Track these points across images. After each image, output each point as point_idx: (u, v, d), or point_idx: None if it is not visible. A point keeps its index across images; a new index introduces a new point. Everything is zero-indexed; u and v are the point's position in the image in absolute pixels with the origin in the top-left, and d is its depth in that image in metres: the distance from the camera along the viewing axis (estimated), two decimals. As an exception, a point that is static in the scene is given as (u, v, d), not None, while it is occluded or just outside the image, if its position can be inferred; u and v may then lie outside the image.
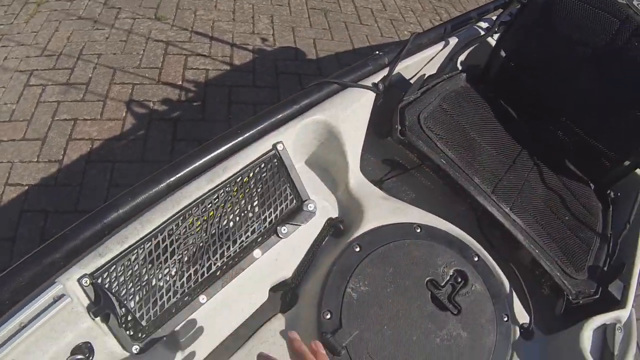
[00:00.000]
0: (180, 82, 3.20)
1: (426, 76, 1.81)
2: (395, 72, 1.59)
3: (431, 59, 1.82)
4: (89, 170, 2.62)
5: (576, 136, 1.79)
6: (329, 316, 1.14)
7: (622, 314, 1.34)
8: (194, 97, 3.14)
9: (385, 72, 1.57)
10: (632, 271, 1.48)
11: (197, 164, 1.13)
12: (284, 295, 1.27)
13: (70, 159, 2.66)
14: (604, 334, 1.30)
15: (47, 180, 2.56)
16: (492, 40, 2.01)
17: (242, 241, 1.17)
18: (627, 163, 1.70)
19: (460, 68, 2.00)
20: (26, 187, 2.51)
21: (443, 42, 1.87)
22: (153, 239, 1.02)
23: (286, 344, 1.09)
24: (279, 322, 1.20)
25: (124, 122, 2.89)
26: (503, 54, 1.95)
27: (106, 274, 0.95)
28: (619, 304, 1.39)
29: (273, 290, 1.26)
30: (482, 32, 2.00)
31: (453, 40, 1.92)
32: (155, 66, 3.31)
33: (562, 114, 1.83)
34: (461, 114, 1.77)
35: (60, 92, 3.04)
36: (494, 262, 1.40)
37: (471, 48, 1.99)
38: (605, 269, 1.52)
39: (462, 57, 2.01)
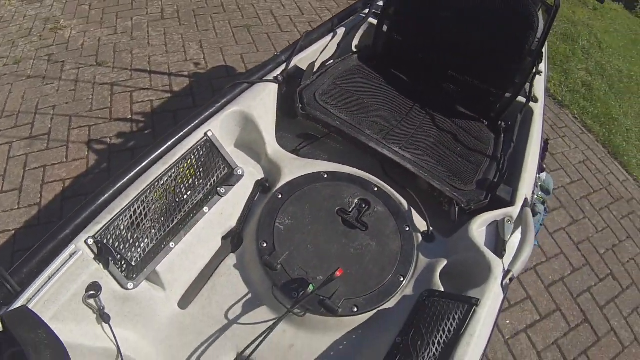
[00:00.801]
0: (130, 116, 3.55)
1: (320, 63, 2.22)
2: (292, 65, 2.03)
3: (324, 49, 2.24)
4: (66, 205, 2.95)
5: (462, 84, 2.20)
6: (265, 244, 1.57)
7: (512, 211, 1.65)
8: (145, 126, 3.49)
9: (284, 66, 2.00)
10: (520, 177, 1.80)
11: (154, 154, 1.57)
12: (232, 239, 1.69)
13: (47, 200, 2.99)
14: (497, 228, 1.63)
15: (31, 221, 2.88)
16: (375, 21, 2.40)
17: (193, 201, 1.61)
18: (507, 95, 2.09)
19: (354, 51, 2.42)
20: (13, 232, 2.83)
21: (332, 34, 2.28)
22: (131, 207, 1.44)
23: (240, 277, 1.57)
24: (231, 260, 1.64)
25: (88, 160, 3.23)
26: (385, 29, 2.35)
27: (103, 235, 1.36)
28: (509, 204, 1.72)
29: (224, 238, 1.69)
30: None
31: (341, 30, 2.34)
32: (105, 106, 3.66)
33: (447, 68, 2.22)
34: (355, 87, 2.19)
35: (26, 146, 3.37)
36: (392, 190, 1.82)
37: (360, 32, 2.40)
38: (495, 180, 1.88)
39: (355, 42, 2.42)
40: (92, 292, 1.31)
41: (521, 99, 2.13)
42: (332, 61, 2.29)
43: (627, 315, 3.00)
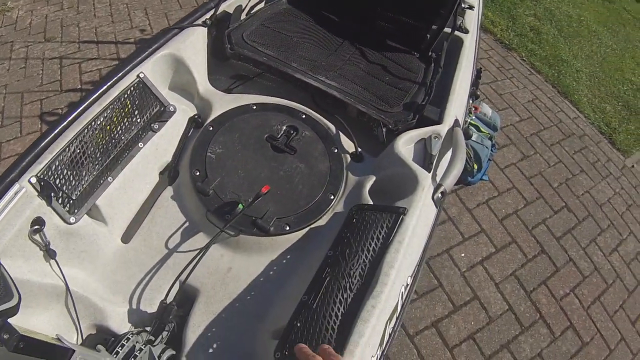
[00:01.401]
0: (80, 86, 3.55)
1: (249, 8, 2.28)
2: (221, 10, 2.07)
3: None
4: (24, 179, 2.96)
5: (391, 20, 2.25)
6: (197, 173, 1.62)
7: (439, 128, 1.69)
8: (95, 94, 3.49)
9: (212, 12, 2.04)
10: (448, 98, 1.84)
11: (90, 99, 1.60)
12: (169, 173, 1.73)
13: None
14: (425, 145, 1.67)
15: (-10, 197, 2.89)
16: None
17: (129, 138, 1.66)
18: (434, 27, 2.15)
19: None
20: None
21: None
22: (70, 147, 1.48)
23: (177, 207, 1.63)
24: (168, 192, 1.68)
25: (42, 132, 3.22)
26: None
27: (45, 173, 1.40)
28: (437, 123, 1.76)
29: (161, 173, 1.74)
30: None
31: None
32: (56, 79, 3.64)
33: (375, 5, 2.27)
34: (284, 28, 2.24)
35: (-20, 126, 3.36)
36: (320, 116, 1.88)
37: None
38: (423, 103, 1.93)
39: None
40: (36, 227, 1.35)
41: (456, 32, 2.19)
42: (261, 5, 2.34)
43: (585, 246, 3.12)
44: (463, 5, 2.26)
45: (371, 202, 1.55)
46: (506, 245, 2.97)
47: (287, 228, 1.53)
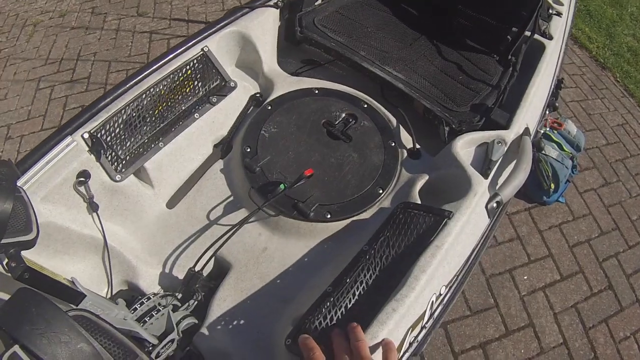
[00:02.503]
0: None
1: None
2: None
3: None
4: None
5: (473, 19, 2.16)
6: (248, 149, 1.62)
7: (505, 134, 1.60)
8: (180, 71, 3.60)
9: None
10: (520, 104, 1.72)
11: (153, 67, 1.64)
12: (222, 147, 1.75)
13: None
14: (487, 149, 1.57)
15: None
16: None
17: (186, 109, 1.69)
18: (514, 29, 2.04)
19: None
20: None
21: None
22: (126, 109, 1.53)
23: (225, 181, 1.65)
24: (219, 165, 1.70)
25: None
26: None
27: (98, 131, 1.46)
28: (504, 128, 1.66)
29: (216, 146, 1.76)
30: None
31: None
32: (143, 52, 3.80)
33: (458, 3, 2.19)
34: (359, 17, 2.20)
35: (67, 88, 3.54)
36: (381, 107, 1.82)
37: None
38: (492, 106, 1.84)
39: None
40: (81, 179, 1.40)
41: (537, 37, 2.06)
42: None
43: None
44: (550, 11, 2.15)
45: (419, 202, 1.48)
46: (572, 274, 2.80)
47: (329, 216, 1.49)
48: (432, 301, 1.24)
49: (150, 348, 1.19)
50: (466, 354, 2.37)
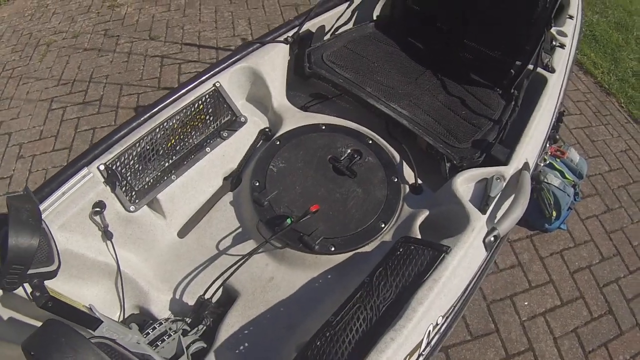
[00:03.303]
0: (177, 85, 3.73)
1: (335, 29, 2.33)
2: (305, 29, 2.13)
3: (340, 16, 2.33)
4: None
5: (477, 52, 2.22)
6: (257, 183, 1.72)
7: (504, 170, 1.66)
8: (190, 95, 3.68)
9: (296, 29, 2.11)
10: (520, 140, 1.79)
11: (166, 101, 1.75)
12: (232, 179, 1.84)
13: (95, 160, 3.23)
14: (486, 185, 1.64)
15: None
16: None
17: (197, 142, 1.78)
18: (518, 63, 2.10)
19: (373, 20, 2.50)
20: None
21: (349, 1, 2.35)
22: (140, 142, 1.63)
23: (234, 213, 1.75)
24: (229, 197, 1.80)
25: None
26: None
27: (113, 163, 1.55)
28: (504, 164, 1.73)
29: (225, 178, 1.85)
30: None
31: None
32: (155, 76, 3.88)
33: (463, 37, 2.26)
34: (367, 51, 2.28)
35: (79, 110, 3.63)
36: (386, 143, 1.90)
37: (381, 2, 2.48)
38: (493, 142, 1.90)
39: (376, 12, 2.49)
40: (97, 209, 1.50)
41: (539, 70, 2.11)
42: (348, 26, 2.40)
43: None
44: (554, 43, 2.20)
45: (419, 236, 1.55)
46: (573, 300, 2.82)
47: (332, 249, 1.58)
48: (429, 331, 1.30)
49: None
50: (466, 379, 2.38)
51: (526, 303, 2.73)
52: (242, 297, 1.55)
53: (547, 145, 2.14)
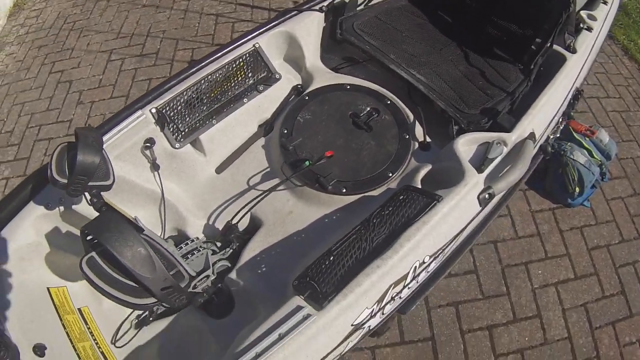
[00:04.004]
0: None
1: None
2: None
3: None
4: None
5: (501, 28, 2.36)
6: (285, 131, 1.96)
7: (506, 136, 1.80)
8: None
9: None
10: (527, 111, 1.92)
11: (212, 58, 1.99)
12: (265, 127, 2.09)
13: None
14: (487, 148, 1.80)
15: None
16: None
17: (237, 94, 2.04)
18: (537, 40, 2.22)
19: None
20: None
21: None
22: (187, 91, 1.88)
23: (264, 155, 2.01)
24: (261, 141, 2.06)
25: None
26: None
27: (163, 107, 1.80)
28: (507, 131, 1.87)
29: (260, 126, 2.10)
30: None
31: None
32: (209, 33, 4.13)
33: (490, 12, 2.39)
34: (396, 22, 2.46)
35: (137, 62, 3.90)
36: (403, 104, 2.11)
37: None
38: (500, 110, 2.06)
39: None
40: (148, 144, 1.77)
41: (560, 49, 2.21)
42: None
43: None
44: (581, 26, 2.29)
45: (420, 187, 1.73)
46: (587, 275, 2.91)
47: (344, 190, 1.82)
48: (416, 266, 1.49)
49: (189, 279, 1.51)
50: (472, 334, 2.56)
51: (540, 272, 2.85)
52: (264, 226, 1.80)
53: (560, 120, 2.24)
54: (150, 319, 1.64)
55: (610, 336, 2.69)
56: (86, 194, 1.40)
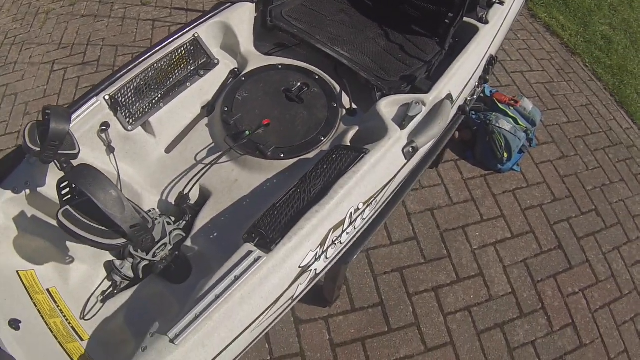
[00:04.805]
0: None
1: None
2: None
3: None
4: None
5: (419, 8, 2.57)
6: (226, 108, 2.12)
7: (424, 97, 2.02)
8: (180, 55, 4.01)
9: None
10: (443, 75, 2.14)
11: (157, 48, 2.16)
12: (208, 108, 2.26)
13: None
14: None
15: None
16: None
17: (180, 79, 2.20)
18: (450, 15, 2.42)
19: None
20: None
21: None
22: (136, 79, 2.04)
23: (208, 132, 2.16)
24: (205, 121, 2.21)
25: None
26: None
27: (116, 94, 1.96)
28: (425, 92, 2.09)
29: (203, 107, 2.26)
30: None
31: None
32: (147, 38, 4.23)
33: None
34: (321, 8, 2.67)
35: (79, 70, 3.97)
36: (330, 78, 2.31)
37: None
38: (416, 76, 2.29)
39: None
40: (103, 128, 1.92)
41: (472, 21, 2.46)
42: None
43: (606, 252, 3.12)
44: (494, 0, 2.50)
45: (348, 144, 1.93)
46: (523, 233, 3.08)
47: (282, 155, 1.99)
48: (351, 212, 1.67)
49: None
50: (419, 296, 2.72)
51: (477, 234, 3.03)
52: (213, 195, 1.95)
53: (477, 83, 2.47)
54: (115, 292, 1.75)
55: (553, 288, 2.87)
56: (56, 161, 1.56)
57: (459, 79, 2.20)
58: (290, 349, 2.46)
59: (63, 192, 1.40)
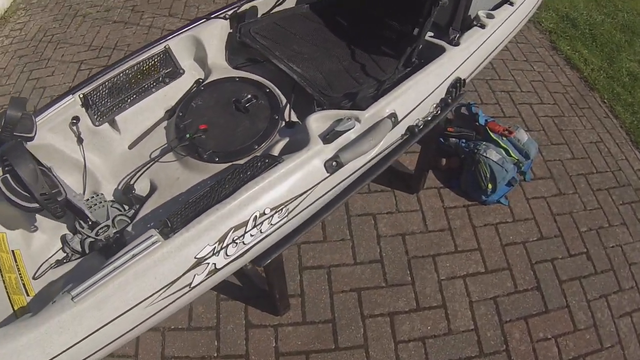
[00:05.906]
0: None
1: (272, 6, 2.84)
2: (245, 8, 2.72)
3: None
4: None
5: (391, 28, 2.70)
6: (181, 114, 2.32)
7: (359, 113, 2.08)
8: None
9: (236, 8, 2.70)
10: (388, 93, 2.18)
11: (130, 57, 2.41)
12: (170, 112, 2.46)
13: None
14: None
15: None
16: None
17: (148, 85, 2.42)
18: (415, 32, 2.50)
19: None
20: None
21: None
22: (108, 82, 2.31)
23: (165, 134, 2.37)
24: (164, 123, 2.43)
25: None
26: None
27: (89, 93, 2.22)
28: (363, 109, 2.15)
29: (166, 111, 2.45)
30: None
31: None
32: (165, 47, 4.45)
33: (384, 17, 2.75)
34: (292, 27, 2.79)
35: (101, 72, 4.26)
36: (279, 92, 2.42)
37: None
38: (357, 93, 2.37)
39: None
40: (74, 121, 2.18)
41: (439, 42, 2.49)
42: (288, 5, 2.92)
43: (591, 299, 2.89)
44: (475, 23, 2.57)
45: (276, 154, 2.03)
46: (498, 270, 2.95)
47: (217, 159, 2.16)
48: (256, 216, 1.78)
49: (91, 224, 2.02)
50: (373, 319, 2.69)
51: (448, 264, 2.95)
52: (158, 189, 2.15)
53: (435, 106, 2.43)
54: (65, 261, 2.00)
55: (521, 331, 2.70)
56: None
57: (408, 98, 2.22)
58: (237, 349, 2.54)
59: (5, 164, 1.66)
